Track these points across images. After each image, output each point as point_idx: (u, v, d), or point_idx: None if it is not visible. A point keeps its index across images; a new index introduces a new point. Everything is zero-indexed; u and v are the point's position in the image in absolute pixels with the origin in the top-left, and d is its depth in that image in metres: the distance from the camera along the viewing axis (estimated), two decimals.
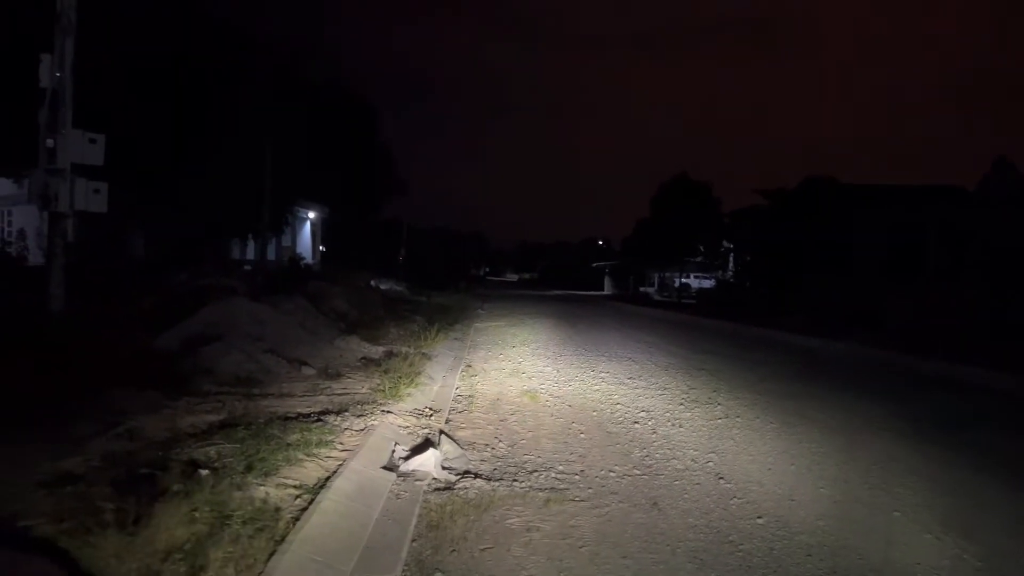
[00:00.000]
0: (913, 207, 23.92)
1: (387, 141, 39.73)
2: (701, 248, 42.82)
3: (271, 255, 25.51)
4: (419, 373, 8.48)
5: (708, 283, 45.10)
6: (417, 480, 4.49)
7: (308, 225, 34.39)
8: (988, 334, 14.20)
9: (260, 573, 2.79)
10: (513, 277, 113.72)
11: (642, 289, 53.62)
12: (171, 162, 16.55)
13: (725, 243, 41.10)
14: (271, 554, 2.97)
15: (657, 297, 46.24)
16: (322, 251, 35.41)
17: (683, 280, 46.22)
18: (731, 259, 41.18)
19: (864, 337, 14.96)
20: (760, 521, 3.97)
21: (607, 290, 60.37)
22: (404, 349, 10.46)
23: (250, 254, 26.42)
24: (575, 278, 69.65)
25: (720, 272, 43.79)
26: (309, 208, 32.18)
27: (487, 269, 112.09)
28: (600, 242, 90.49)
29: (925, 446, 5.95)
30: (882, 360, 12.57)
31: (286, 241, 31.46)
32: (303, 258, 29.30)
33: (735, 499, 4.36)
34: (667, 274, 50.13)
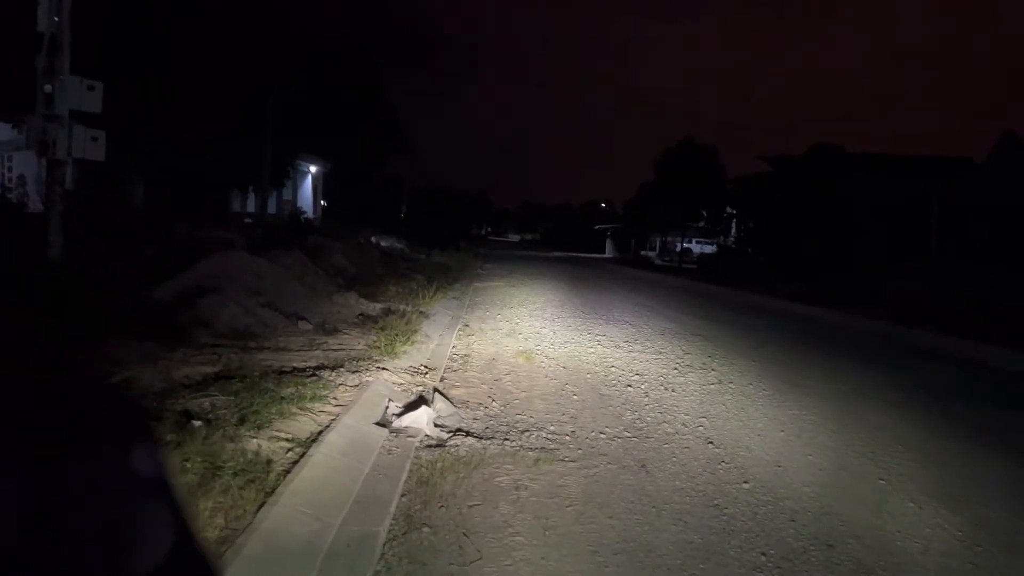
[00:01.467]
0: (917, 179, 23.75)
1: (393, 98, 39.31)
2: (704, 213, 42.69)
3: (271, 208, 25.43)
4: (416, 331, 8.51)
5: (710, 248, 45.11)
6: (409, 436, 4.54)
7: (309, 179, 34.21)
8: (985, 308, 14.19)
9: (249, 524, 2.83)
10: (515, 238, 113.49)
11: (643, 253, 53.60)
12: (172, 112, 16.40)
13: (728, 209, 40.97)
14: (260, 505, 3.02)
15: (658, 261, 46.21)
16: (323, 206, 35.26)
17: (685, 245, 46.16)
18: (733, 225, 41.11)
19: (862, 308, 14.99)
20: (746, 486, 4.02)
21: (609, 253, 60.33)
22: (402, 307, 10.49)
23: (250, 207, 26.32)
24: (577, 240, 69.57)
25: (722, 238, 43.75)
26: (311, 162, 31.97)
27: (489, 229, 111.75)
28: (603, 205, 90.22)
29: (913, 416, 6.00)
30: (878, 331, 12.60)
31: (287, 195, 31.33)
32: (304, 212, 29.20)
33: (723, 463, 4.40)
34: (669, 238, 50.06)
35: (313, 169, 33.33)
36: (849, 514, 3.68)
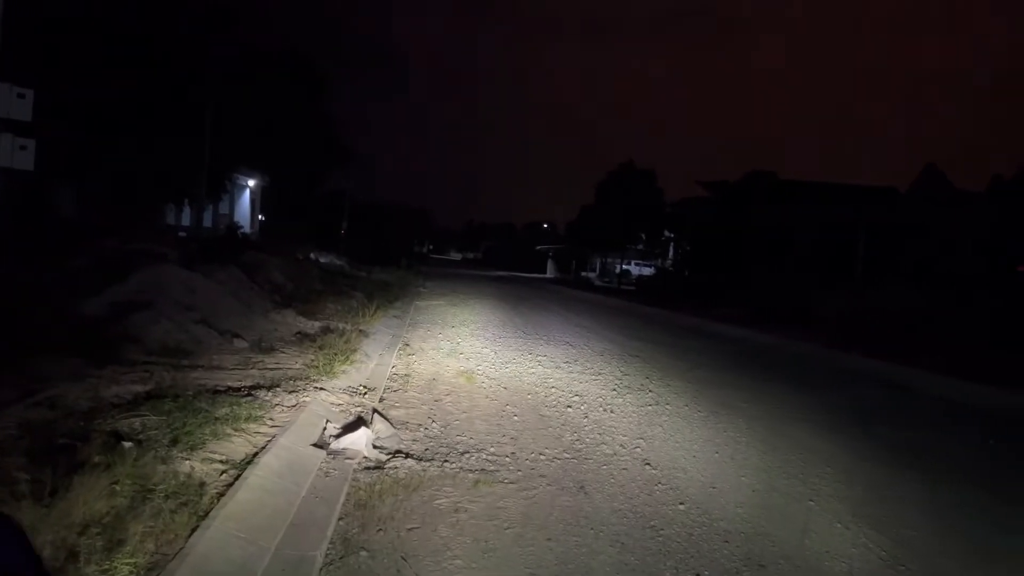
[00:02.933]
0: (847, 207, 24.73)
1: (335, 113, 38.91)
2: (643, 236, 43.44)
3: (207, 222, 24.80)
4: (355, 350, 8.42)
5: (648, 270, 45.86)
6: (347, 458, 4.48)
7: (247, 193, 33.53)
8: (907, 330, 14.81)
9: (181, 549, 2.75)
10: (456, 256, 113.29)
11: (584, 274, 54.12)
12: (104, 122, 15.92)
13: (666, 232, 41.83)
14: (193, 529, 2.94)
15: (598, 282, 46.75)
16: (261, 221, 34.60)
17: (624, 266, 46.85)
18: (671, 248, 41.98)
19: (793, 330, 15.47)
20: (682, 507, 4.09)
21: (550, 273, 60.74)
22: (341, 325, 10.35)
23: (185, 220, 25.62)
24: (518, 260, 69.81)
25: (660, 260, 44.59)
26: (249, 176, 31.38)
27: (431, 247, 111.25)
28: (545, 225, 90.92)
29: (840, 438, 6.21)
30: (807, 352, 13.02)
31: (223, 209, 30.60)
32: (241, 227, 28.55)
33: (659, 485, 4.48)
34: (609, 260, 50.73)
35: (251, 183, 32.69)
36: (780, 535, 3.79)
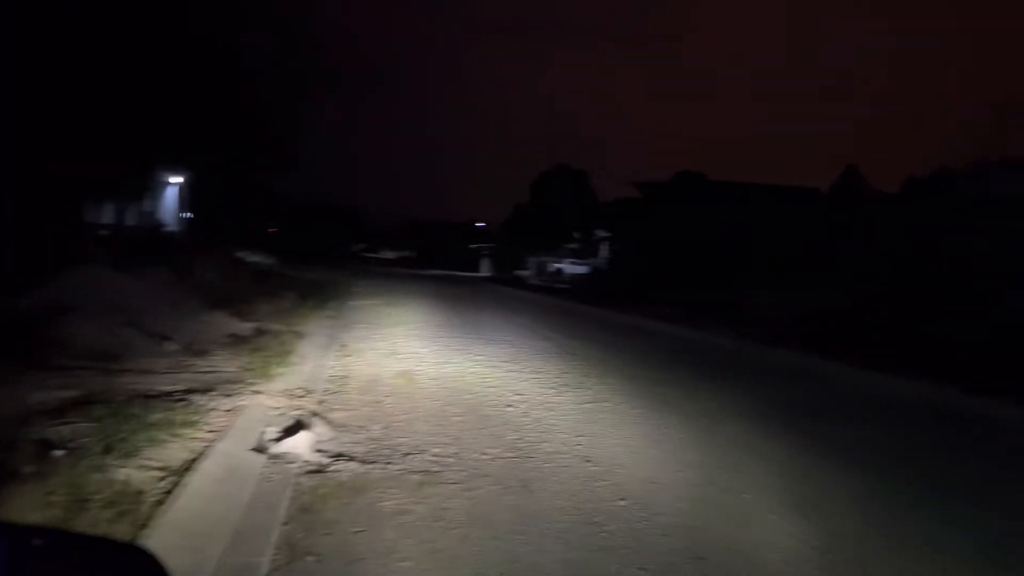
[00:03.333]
0: (773, 206, 25.59)
1: (264, 110, 37.93)
2: (576, 235, 43.97)
3: (130, 220, 23.94)
4: (291, 352, 8.30)
5: (582, 269, 46.36)
6: (289, 462, 4.42)
7: (171, 190, 32.43)
8: (832, 327, 15.42)
9: None
10: (390, 255, 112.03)
11: (518, 272, 54.34)
12: (18, 116, 15.18)
13: (599, 231, 42.42)
14: (133, 539, 2.86)
15: (533, 281, 46.97)
16: (187, 219, 33.54)
17: (558, 265, 47.26)
18: (605, 247, 42.59)
19: (724, 327, 15.92)
20: (623, 503, 4.19)
21: (485, 272, 60.71)
22: (275, 326, 10.18)
23: (106, 218, 24.64)
24: (453, 258, 69.60)
25: (593, 259, 45.16)
26: (174, 172, 30.35)
27: (363, 245, 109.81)
28: (479, 224, 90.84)
29: (773, 432, 6.44)
30: (738, 349, 13.43)
31: (147, 206, 29.55)
32: (166, 225, 27.62)
33: (601, 481, 4.57)
34: (543, 259, 51.11)
35: (176, 180, 31.63)
36: (718, 527, 3.92)
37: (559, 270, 46.79)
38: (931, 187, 30.66)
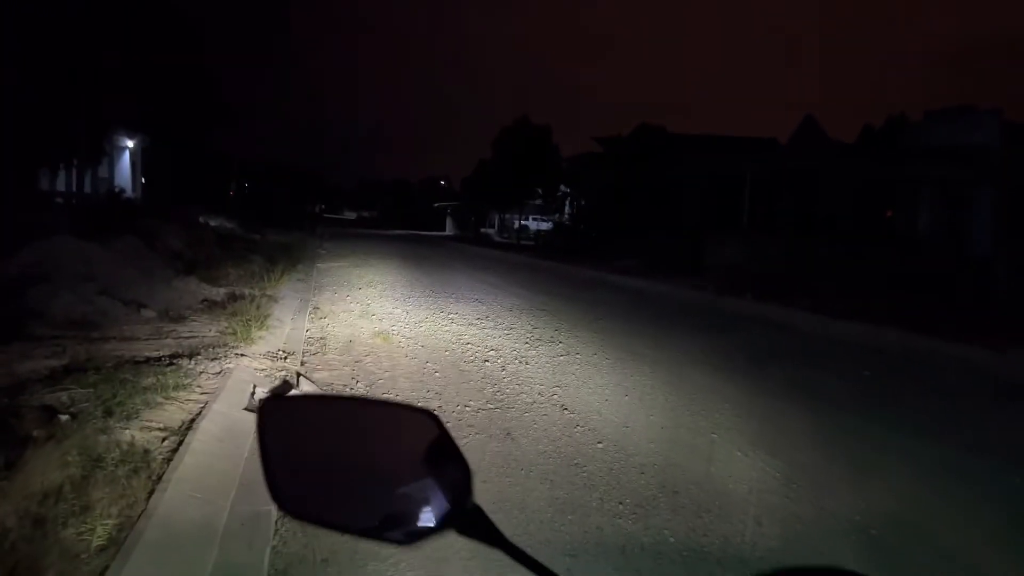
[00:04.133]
0: (732, 157, 25.93)
1: (216, 68, 37.07)
2: (540, 191, 44.02)
3: (87, 187, 23.42)
4: (268, 315, 8.40)
5: (546, 225, 46.57)
6: None
7: (127, 155, 31.72)
8: (791, 277, 15.93)
9: (144, 510, 2.88)
10: (351, 215, 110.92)
11: (483, 230, 54.40)
12: None
13: (563, 187, 42.53)
14: (150, 493, 3.06)
15: (498, 239, 47.17)
16: (143, 184, 32.88)
17: (523, 222, 47.39)
18: (568, 203, 42.76)
19: (686, 279, 16.35)
20: (600, 446, 4.49)
21: (449, 230, 60.70)
22: (247, 291, 10.24)
23: (60, 185, 24.06)
24: (416, 218, 69.30)
25: (558, 215, 45.35)
26: (128, 136, 29.68)
27: (323, 206, 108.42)
28: (442, 182, 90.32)
29: (736, 377, 6.81)
30: (701, 300, 13.87)
31: (103, 172, 28.90)
32: (123, 191, 27.09)
33: (578, 427, 4.87)
34: (507, 216, 51.15)
35: (131, 143, 30.93)
36: (688, 465, 4.24)
37: (524, 227, 46.98)
38: (884, 137, 31.35)
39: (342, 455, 0.63)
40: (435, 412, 0.66)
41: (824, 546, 3.23)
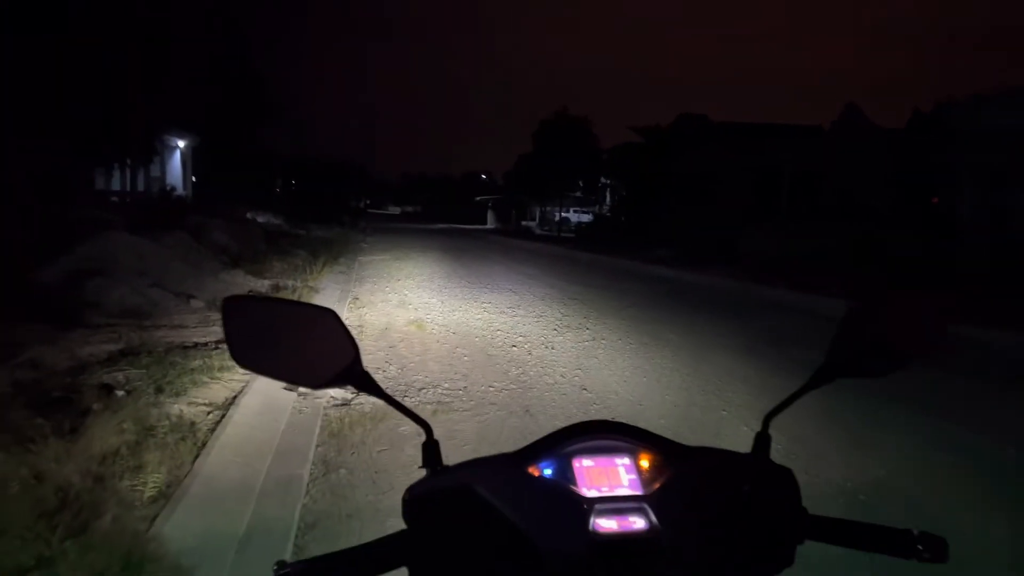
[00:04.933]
0: (772, 146, 25.70)
1: (264, 65, 38.03)
2: (580, 183, 44.11)
3: (140, 186, 24.39)
4: None
5: (587, 217, 46.60)
6: (317, 398, 4.98)
7: (178, 154, 32.78)
8: (826, 264, 15.85)
9: (190, 471, 3.25)
10: (396, 210, 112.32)
11: (524, 223, 54.66)
12: (27, 82, 15.51)
13: (603, 179, 42.55)
14: (196, 457, 3.43)
15: (538, 231, 47.39)
16: (193, 182, 33.93)
17: (563, 214, 47.50)
18: (608, 194, 42.79)
19: (721, 269, 16.40)
20: None
21: (490, 224, 61.08)
22: (290, 283, 10.72)
23: (115, 185, 25.07)
24: (458, 211, 69.86)
25: (598, 207, 45.39)
26: (179, 136, 30.67)
27: (367, 201, 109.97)
28: (483, 176, 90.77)
29: (755, 360, 6.98)
30: (733, 289, 13.94)
31: (155, 171, 29.95)
32: (174, 188, 28.06)
33: (594, 405, 5.13)
34: (548, 208, 51.28)
35: (181, 143, 31.95)
36: (694, 437, 4.46)
37: (565, 219, 47.09)
38: (933, 121, 30.62)
39: (275, 333, 0.90)
40: (336, 312, 0.93)
41: (812, 507, 3.44)
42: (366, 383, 0.90)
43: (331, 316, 0.91)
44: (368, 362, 4.23)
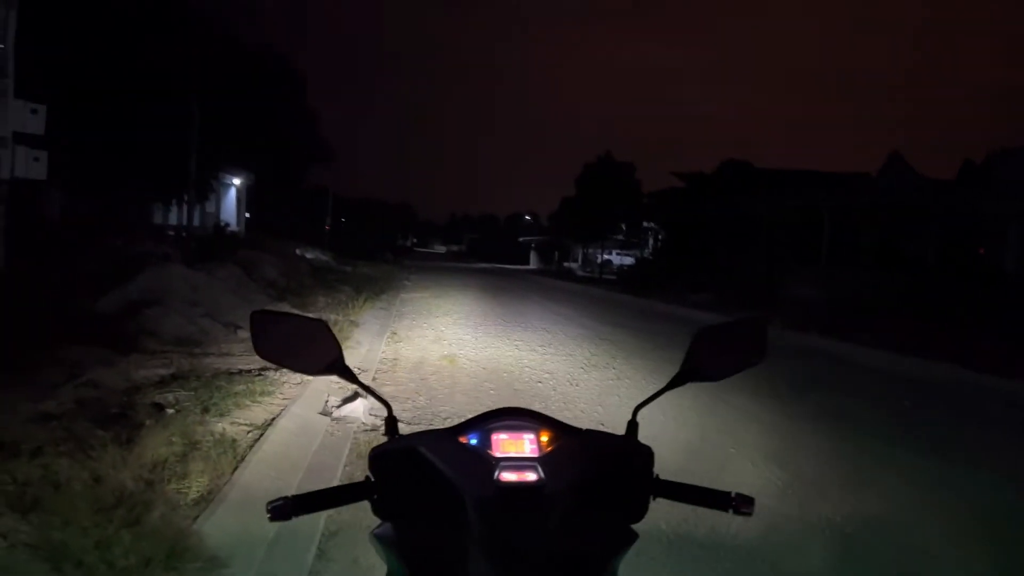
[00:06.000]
0: (816, 192, 25.68)
1: (315, 107, 39.52)
2: (623, 226, 44.43)
3: (196, 221, 25.51)
4: (347, 338, 9.28)
5: (629, 260, 46.79)
6: (348, 423, 5.35)
7: (233, 191, 34.19)
8: (864, 311, 15.80)
9: (229, 480, 3.63)
10: (441, 249, 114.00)
11: (566, 264, 55.07)
12: (96, 124, 16.57)
13: (645, 222, 42.82)
14: (235, 468, 3.81)
15: (580, 272, 47.71)
16: (247, 218, 35.26)
17: (605, 257, 47.77)
18: (650, 237, 42.99)
19: (758, 314, 16.46)
20: None
21: (533, 264, 61.60)
22: (333, 316, 11.20)
23: (172, 219, 26.28)
24: (502, 252, 70.64)
25: (640, 250, 45.57)
26: (234, 174, 32.03)
27: (414, 240, 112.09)
28: (527, 216, 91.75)
29: (775, 403, 7.15)
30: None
31: (210, 207, 31.27)
32: (228, 224, 29.27)
33: None
34: (590, 250, 51.61)
35: (236, 181, 33.34)
36: (701, 472, 4.70)
37: (607, 261, 47.35)
38: (983, 171, 30.24)
39: (285, 336, 1.26)
40: (327, 322, 1.27)
41: (798, 539, 3.66)
42: (345, 373, 1.24)
43: (323, 325, 1.26)
44: (399, 393, 4.70)
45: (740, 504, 1.17)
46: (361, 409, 5.62)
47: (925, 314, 15.32)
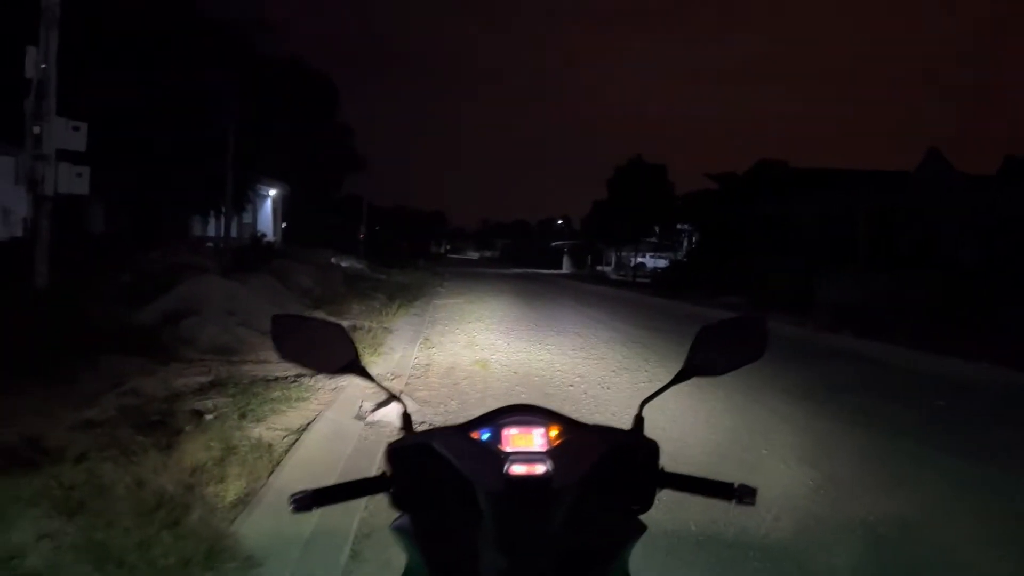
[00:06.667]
0: (850, 192, 25.28)
1: (347, 118, 40.13)
2: (656, 229, 44.24)
3: (233, 232, 26.03)
4: (381, 344, 9.41)
5: (663, 262, 46.50)
6: (381, 428, 5.44)
7: (269, 202, 34.74)
8: (900, 312, 15.51)
9: (265, 483, 3.73)
10: (474, 255, 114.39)
11: (599, 268, 54.93)
12: (136, 139, 17.03)
13: (679, 225, 42.57)
14: (271, 472, 3.91)
15: (613, 276, 47.54)
16: (283, 228, 35.82)
17: (639, 259, 47.56)
18: (684, 240, 42.71)
19: (792, 315, 16.26)
20: None
21: (565, 269, 61.54)
22: (367, 324, 11.34)
23: (211, 231, 26.82)
24: (535, 257, 70.76)
25: (674, 252, 45.30)
26: (270, 185, 32.56)
27: (448, 247, 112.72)
28: (559, 221, 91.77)
29: (807, 404, 7.08)
30: (799, 335, 13.83)
31: (247, 218, 31.84)
32: (264, 235, 29.75)
33: None
34: (623, 253, 51.45)
35: (272, 192, 33.88)
36: (731, 473, 4.66)
37: (640, 264, 47.13)
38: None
39: (306, 338, 1.32)
40: (342, 326, 1.33)
41: (829, 540, 3.64)
42: (361, 372, 1.30)
43: (340, 329, 1.32)
44: (431, 398, 4.79)
45: (743, 494, 1.20)
46: (394, 414, 5.70)
47: (965, 316, 14.99)
